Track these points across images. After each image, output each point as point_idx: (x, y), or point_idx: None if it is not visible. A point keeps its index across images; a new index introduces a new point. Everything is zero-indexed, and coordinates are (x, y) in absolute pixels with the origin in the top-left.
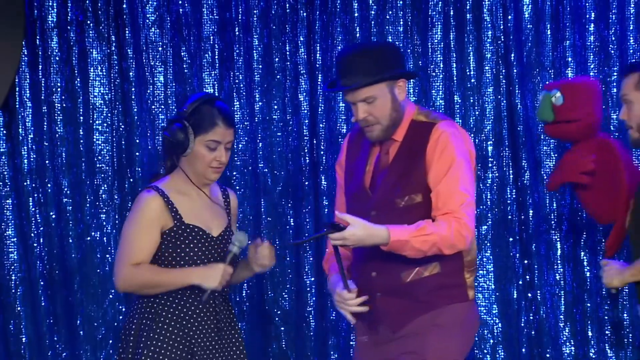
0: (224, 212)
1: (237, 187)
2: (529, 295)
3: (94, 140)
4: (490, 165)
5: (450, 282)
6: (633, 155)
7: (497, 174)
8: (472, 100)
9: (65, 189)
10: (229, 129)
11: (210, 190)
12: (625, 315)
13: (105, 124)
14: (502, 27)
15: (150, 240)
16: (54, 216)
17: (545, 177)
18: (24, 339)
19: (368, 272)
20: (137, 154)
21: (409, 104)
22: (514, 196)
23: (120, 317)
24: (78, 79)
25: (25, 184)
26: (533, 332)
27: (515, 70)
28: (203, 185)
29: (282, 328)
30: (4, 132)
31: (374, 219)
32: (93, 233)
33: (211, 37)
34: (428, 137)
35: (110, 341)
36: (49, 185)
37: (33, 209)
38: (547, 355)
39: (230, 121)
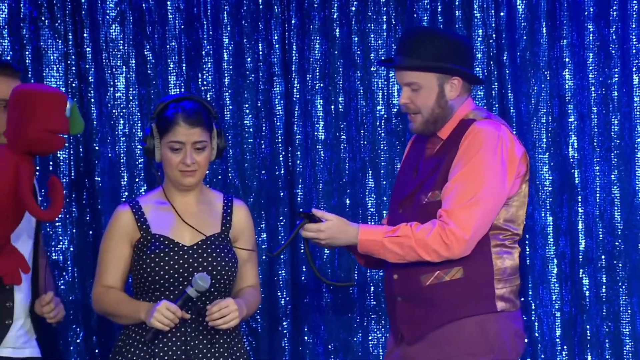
0: (216, 221)
1: None
2: (523, 317)
3: None
4: None
5: (475, 290)
6: None
7: None
8: None
9: None
10: (192, 128)
11: (199, 198)
12: (627, 339)
13: None
14: (494, 25)
15: (117, 257)
16: None
17: (540, 187)
18: None
19: (391, 274)
20: (97, 162)
21: (465, 105)
22: None
23: (78, 341)
24: (32, 81)
25: None
26: (528, 358)
27: (508, 72)
28: (185, 192)
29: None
30: None
31: (400, 216)
32: (48, 249)
33: (177, 35)
34: (464, 133)
35: None
36: None
37: None
38: None
39: (193, 120)
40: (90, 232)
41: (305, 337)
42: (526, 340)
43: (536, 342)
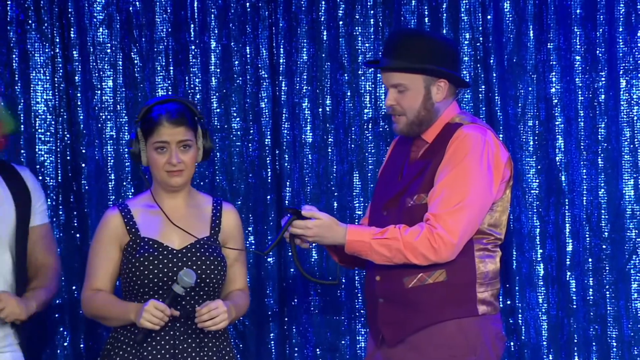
0: (204, 225)
1: None
2: (510, 320)
3: (37, 150)
4: None
5: (457, 293)
6: None
7: None
8: None
9: None
10: (175, 128)
11: (188, 202)
12: (613, 342)
13: (48, 133)
14: (480, 27)
15: (106, 260)
16: None
17: (527, 190)
18: None
19: (373, 275)
20: (84, 165)
21: (451, 108)
22: None
23: (65, 344)
24: (19, 84)
25: None
26: None
27: (495, 75)
28: (174, 195)
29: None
30: None
31: (384, 218)
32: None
33: (165, 38)
34: (451, 137)
35: None
36: None
37: None
38: None
39: (176, 119)
40: (77, 235)
41: (293, 340)
42: (512, 343)
43: (523, 345)
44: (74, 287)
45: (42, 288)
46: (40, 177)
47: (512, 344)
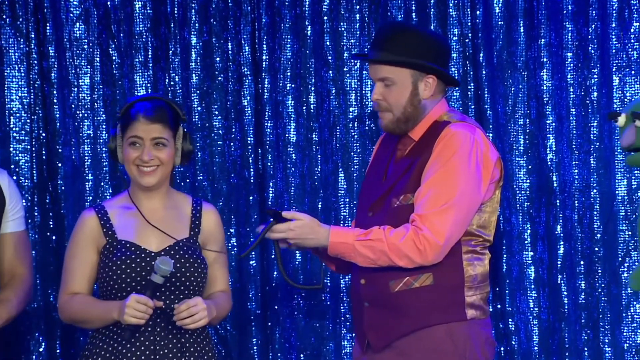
0: (184, 226)
1: None
2: (500, 324)
3: (11, 149)
4: None
5: (445, 297)
6: None
7: None
8: None
9: None
10: (151, 124)
11: (166, 203)
12: (606, 347)
13: (23, 132)
14: (469, 23)
15: (83, 263)
16: None
17: (517, 191)
18: None
19: (358, 279)
20: (60, 165)
21: (439, 106)
22: None
23: (41, 350)
24: None
25: None
26: None
27: (484, 72)
28: (151, 196)
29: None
30: None
31: (370, 220)
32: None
33: (144, 34)
34: (438, 135)
35: None
36: None
37: None
38: None
39: (152, 116)
40: (54, 237)
41: (276, 345)
42: (502, 348)
43: (514, 350)
44: (49, 291)
45: (7, 302)
46: (15, 177)
47: (502, 349)
